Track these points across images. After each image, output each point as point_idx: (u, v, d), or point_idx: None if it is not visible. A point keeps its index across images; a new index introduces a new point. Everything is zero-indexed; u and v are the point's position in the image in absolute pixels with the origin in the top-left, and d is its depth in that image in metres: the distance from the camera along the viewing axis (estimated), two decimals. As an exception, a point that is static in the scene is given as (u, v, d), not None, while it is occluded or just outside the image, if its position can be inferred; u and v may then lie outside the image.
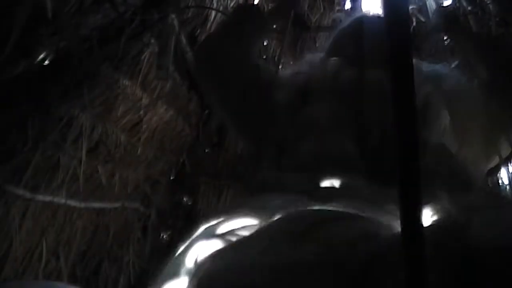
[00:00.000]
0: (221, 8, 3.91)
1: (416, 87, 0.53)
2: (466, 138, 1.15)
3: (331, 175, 0.98)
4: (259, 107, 1.19)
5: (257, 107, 1.20)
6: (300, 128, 1.16)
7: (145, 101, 3.34)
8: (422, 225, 0.52)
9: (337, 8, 5.02)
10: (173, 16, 3.34)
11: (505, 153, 1.21)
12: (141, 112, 3.34)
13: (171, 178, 4.48)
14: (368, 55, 1.22)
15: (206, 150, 4.80)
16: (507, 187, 4.27)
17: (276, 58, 4.94)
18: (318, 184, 1.02)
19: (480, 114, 1.20)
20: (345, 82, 1.18)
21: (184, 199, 4.85)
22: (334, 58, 1.32)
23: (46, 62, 2.63)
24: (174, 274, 0.87)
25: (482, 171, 1.21)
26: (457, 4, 4.29)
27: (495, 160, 1.26)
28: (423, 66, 1.35)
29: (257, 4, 4.83)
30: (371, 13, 1.52)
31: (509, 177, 4.28)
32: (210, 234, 0.90)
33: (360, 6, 5.06)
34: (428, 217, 0.74)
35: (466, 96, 1.21)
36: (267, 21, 1.54)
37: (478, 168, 1.17)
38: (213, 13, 3.87)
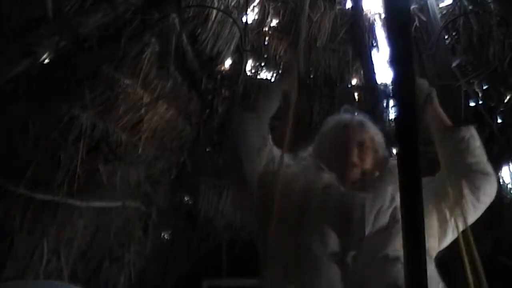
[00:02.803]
0: (222, 8, 3.91)
1: None
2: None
3: None
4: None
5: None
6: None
7: (145, 100, 3.34)
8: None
9: (337, 7, 5.02)
10: (174, 15, 3.34)
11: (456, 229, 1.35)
12: (142, 112, 3.33)
13: (172, 177, 4.51)
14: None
15: (207, 150, 4.82)
16: (508, 186, 4.28)
17: (276, 58, 4.99)
18: None
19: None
20: (333, 202, 1.36)
21: (185, 198, 4.88)
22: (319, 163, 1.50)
23: (46, 62, 2.63)
24: None
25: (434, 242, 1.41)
26: (458, 3, 4.29)
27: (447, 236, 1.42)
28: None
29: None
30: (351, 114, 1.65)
31: (510, 177, 4.29)
32: None
33: (361, 5, 5.07)
34: None
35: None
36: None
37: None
38: (214, 12, 3.87)
